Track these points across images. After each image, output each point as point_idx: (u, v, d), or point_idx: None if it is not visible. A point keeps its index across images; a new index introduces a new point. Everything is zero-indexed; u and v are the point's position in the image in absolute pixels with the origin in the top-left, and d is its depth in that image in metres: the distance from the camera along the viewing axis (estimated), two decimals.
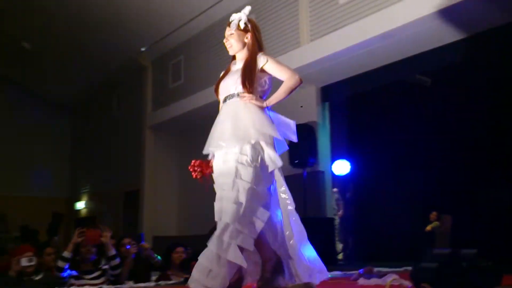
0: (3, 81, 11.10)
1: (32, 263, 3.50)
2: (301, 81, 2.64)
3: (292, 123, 2.72)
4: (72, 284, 3.54)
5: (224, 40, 2.76)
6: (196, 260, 2.36)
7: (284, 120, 2.74)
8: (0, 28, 9.12)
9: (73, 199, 11.64)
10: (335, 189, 6.48)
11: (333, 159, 6.35)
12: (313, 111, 6.30)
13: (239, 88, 2.60)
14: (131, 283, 3.33)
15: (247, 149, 2.47)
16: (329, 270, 2.57)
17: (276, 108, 2.65)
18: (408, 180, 5.78)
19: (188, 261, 3.87)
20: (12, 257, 3.55)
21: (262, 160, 2.49)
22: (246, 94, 2.57)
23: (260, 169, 2.46)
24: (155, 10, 7.39)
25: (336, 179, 6.44)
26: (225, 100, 2.66)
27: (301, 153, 5.73)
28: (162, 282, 3.80)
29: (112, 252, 3.84)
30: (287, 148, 2.72)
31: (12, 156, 10.77)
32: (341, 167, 6.35)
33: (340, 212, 6.54)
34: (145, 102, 8.98)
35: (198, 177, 2.67)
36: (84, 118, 11.87)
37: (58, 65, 9.94)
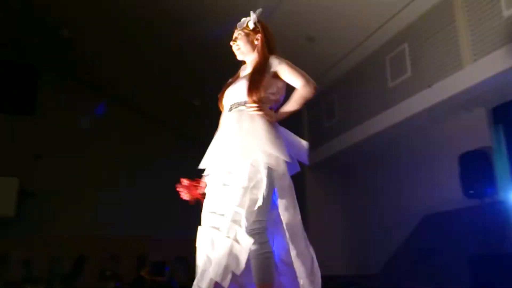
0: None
1: None
2: (316, 90, 2.31)
3: (305, 144, 2.37)
4: None
5: (231, 43, 2.47)
6: None
7: (295, 138, 2.40)
8: None
9: None
10: None
11: None
12: (485, 135, 5.74)
13: (246, 95, 2.25)
14: None
15: (248, 172, 2.09)
16: None
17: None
18: None
19: None
20: None
21: (264, 187, 2.09)
22: (254, 104, 2.19)
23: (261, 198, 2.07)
24: (309, 54, 7.62)
25: None
26: (230, 109, 2.33)
27: (476, 182, 5.23)
28: None
29: None
30: (298, 169, 2.35)
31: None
32: None
33: None
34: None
35: (187, 199, 2.33)
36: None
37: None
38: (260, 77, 2.27)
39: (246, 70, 2.45)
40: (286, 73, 2.34)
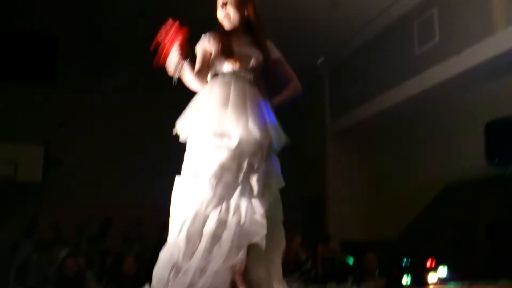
0: None
1: None
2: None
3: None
4: None
5: (220, 8, 2.29)
6: (388, 265, 2.23)
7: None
8: None
9: None
10: None
11: None
12: None
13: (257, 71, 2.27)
14: (333, 284, 3.36)
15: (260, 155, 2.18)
16: None
17: None
18: None
19: (382, 267, 3.80)
20: None
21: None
22: (262, 86, 2.27)
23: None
24: (331, 20, 7.46)
25: None
26: (237, 74, 2.27)
27: (501, 151, 5.14)
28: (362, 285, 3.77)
29: (304, 256, 3.99)
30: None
31: None
32: None
33: None
34: (324, 111, 9.14)
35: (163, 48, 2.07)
36: None
37: None
38: (269, 56, 2.33)
39: (241, 43, 2.35)
40: (286, 66, 2.42)
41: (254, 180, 2.19)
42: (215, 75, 2.33)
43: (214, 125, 2.20)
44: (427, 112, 7.07)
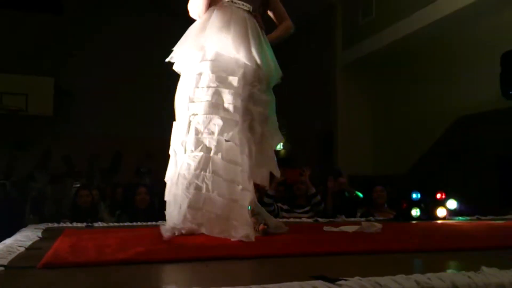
0: None
1: None
2: None
3: None
4: (283, 217, 3.84)
5: None
6: (397, 198, 2.25)
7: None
8: None
9: None
10: None
11: None
12: None
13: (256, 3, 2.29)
14: (343, 217, 3.42)
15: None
16: None
17: None
18: None
19: (391, 200, 3.84)
20: None
21: None
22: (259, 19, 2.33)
23: None
24: None
25: None
26: (236, 4, 2.28)
27: None
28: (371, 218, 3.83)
29: (312, 190, 4.03)
30: None
31: None
32: None
33: None
34: (335, 41, 8.89)
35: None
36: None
37: None
38: None
39: None
40: (279, 4, 2.48)
41: (257, 114, 2.18)
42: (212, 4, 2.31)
43: (215, 50, 2.19)
44: (441, 43, 6.84)
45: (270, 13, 2.49)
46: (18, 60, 9.44)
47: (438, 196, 3.32)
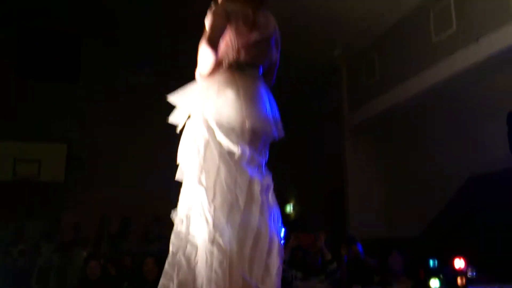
0: None
1: None
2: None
3: None
4: (297, 286, 3.71)
5: None
6: (413, 265, 2.16)
7: None
8: None
9: (281, 202, 12.31)
10: None
11: None
12: None
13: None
14: (358, 287, 3.30)
15: None
16: None
17: None
18: None
19: (407, 267, 3.71)
20: None
21: None
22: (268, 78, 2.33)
23: None
24: (347, 10, 7.32)
25: None
26: (254, 65, 2.15)
27: None
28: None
29: (328, 256, 3.92)
30: None
31: None
32: None
33: None
34: (342, 103, 9.01)
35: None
36: (284, 124, 12.49)
37: None
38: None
39: (262, 24, 2.17)
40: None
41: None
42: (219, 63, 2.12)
43: (226, 115, 2.05)
44: (446, 102, 6.91)
45: None
46: (32, 128, 9.65)
47: (456, 262, 3.20)
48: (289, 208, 11.92)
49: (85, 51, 10.45)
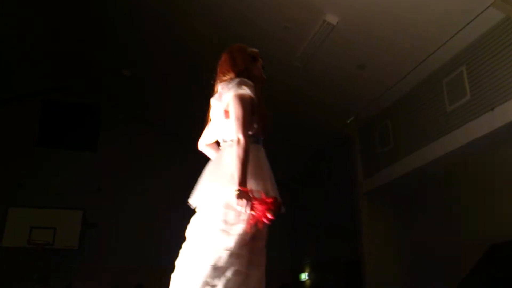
0: None
1: None
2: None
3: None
4: None
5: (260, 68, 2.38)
6: None
7: None
8: None
9: (296, 270, 12.05)
10: None
11: None
12: None
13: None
14: None
15: None
16: None
17: None
18: None
19: None
20: None
21: None
22: None
23: None
24: (360, 79, 7.55)
25: None
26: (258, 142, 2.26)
27: None
28: None
29: None
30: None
31: None
32: None
33: None
34: (356, 170, 9.01)
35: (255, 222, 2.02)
36: (298, 191, 12.49)
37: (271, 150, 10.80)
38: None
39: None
40: None
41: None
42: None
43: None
44: (462, 170, 6.87)
45: None
46: (49, 196, 9.81)
47: None
48: (303, 276, 11.63)
49: (104, 120, 10.83)
